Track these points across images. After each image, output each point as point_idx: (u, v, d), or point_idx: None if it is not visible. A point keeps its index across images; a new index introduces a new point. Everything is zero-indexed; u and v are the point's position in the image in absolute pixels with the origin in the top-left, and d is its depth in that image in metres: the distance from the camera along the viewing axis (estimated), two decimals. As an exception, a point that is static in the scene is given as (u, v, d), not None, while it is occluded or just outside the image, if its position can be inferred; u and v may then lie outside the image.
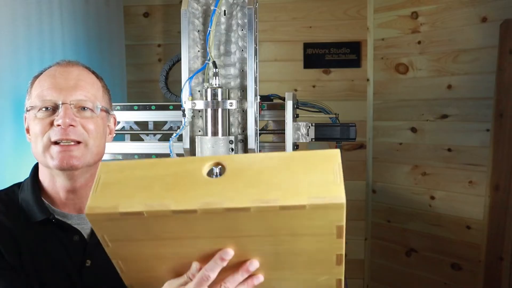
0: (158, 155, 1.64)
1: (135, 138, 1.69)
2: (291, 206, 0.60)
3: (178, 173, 0.64)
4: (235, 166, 0.64)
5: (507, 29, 2.02)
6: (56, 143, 0.92)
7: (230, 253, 0.66)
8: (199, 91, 1.50)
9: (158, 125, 1.70)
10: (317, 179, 0.62)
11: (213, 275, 0.67)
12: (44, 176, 0.99)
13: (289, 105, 1.49)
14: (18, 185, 1.01)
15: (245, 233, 0.65)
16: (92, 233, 0.98)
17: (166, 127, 1.67)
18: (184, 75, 1.47)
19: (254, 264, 0.67)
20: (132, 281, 0.74)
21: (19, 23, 1.66)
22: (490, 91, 2.10)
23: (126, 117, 1.66)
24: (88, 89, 0.97)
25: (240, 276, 0.68)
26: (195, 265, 0.69)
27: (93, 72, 1.04)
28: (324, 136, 1.54)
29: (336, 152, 0.64)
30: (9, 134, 1.50)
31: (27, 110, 0.97)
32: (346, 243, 1.95)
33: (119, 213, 0.63)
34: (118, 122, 1.68)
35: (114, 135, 1.12)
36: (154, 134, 1.67)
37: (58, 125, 0.92)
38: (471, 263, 2.23)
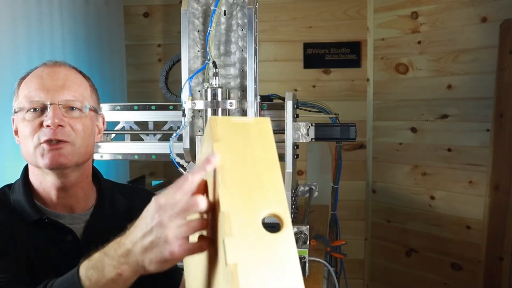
0: (158, 155, 1.64)
1: (135, 138, 1.69)
2: None
3: (254, 186, 0.62)
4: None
5: (507, 29, 2.02)
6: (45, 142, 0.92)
7: (215, 160, 0.62)
8: (199, 91, 1.50)
9: (158, 125, 1.70)
10: None
11: (193, 179, 0.63)
12: (34, 177, 0.98)
13: (289, 105, 1.49)
14: (8, 187, 1.01)
15: None
16: (85, 232, 0.98)
17: (166, 127, 1.67)
18: (184, 75, 1.47)
19: (215, 158, 0.62)
20: None
21: (19, 23, 1.66)
22: (490, 91, 2.10)
23: (126, 117, 1.66)
24: (76, 89, 0.97)
25: (200, 169, 0.64)
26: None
27: (80, 72, 1.03)
28: (324, 136, 1.54)
29: None
30: (9, 134, 1.50)
31: (15, 112, 0.97)
32: (346, 243, 1.93)
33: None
34: (118, 122, 1.68)
35: (103, 134, 1.11)
36: (154, 134, 1.67)
37: (48, 126, 0.91)
38: (471, 263, 2.23)
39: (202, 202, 0.62)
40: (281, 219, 0.61)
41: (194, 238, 0.67)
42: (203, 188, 0.67)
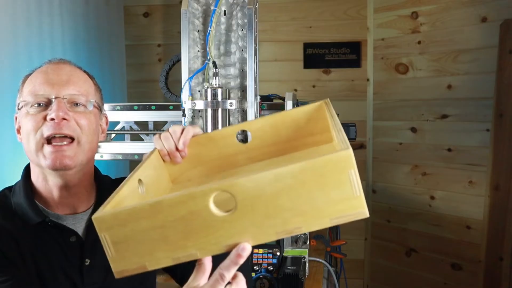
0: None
1: (135, 138, 1.69)
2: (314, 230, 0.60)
3: (187, 217, 0.60)
4: (245, 195, 0.59)
5: (507, 29, 2.02)
6: (49, 142, 0.91)
7: (248, 249, 0.61)
8: (199, 91, 1.50)
9: (158, 125, 1.70)
10: (336, 195, 0.59)
11: (229, 275, 0.62)
12: (36, 177, 0.97)
13: (289, 105, 1.49)
14: (9, 189, 1.00)
15: None
16: (88, 232, 0.97)
17: (166, 127, 1.67)
18: (184, 75, 1.48)
19: (247, 249, 0.61)
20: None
21: (19, 23, 1.67)
22: (490, 91, 2.10)
23: (126, 117, 1.66)
24: (81, 85, 0.97)
25: (233, 265, 0.62)
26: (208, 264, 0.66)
27: (85, 71, 1.03)
28: (324, 136, 1.54)
29: (348, 156, 0.58)
30: (9, 134, 1.50)
31: (19, 108, 0.96)
32: (346, 243, 1.92)
33: (149, 270, 0.63)
34: (118, 122, 1.68)
35: (106, 134, 1.10)
36: (154, 134, 1.67)
37: (52, 119, 0.90)
38: (471, 263, 2.23)
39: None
40: (229, 192, 0.60)
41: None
42: None
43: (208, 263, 0.65)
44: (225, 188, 0.59)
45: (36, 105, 0.92)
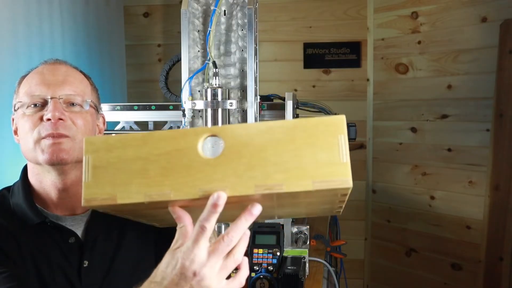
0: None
1: (135, 138, 1.69)
2: (296, 192, 0.59)
3: (172, 153, 0.62)
4: (234, 141, 0.61)
5: (507, 29, 2.02)
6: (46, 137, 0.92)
7: (223, 197, 0.60)
8: (199, 91, 1.50)
9: (158, 125, 1.70)
10: (323, 157, 0.60)
11: (210, 226, 0.61)
12: (34, 177, 0.97)
13: (289, 105, 1.49)
14: (7, 189, 1.00)
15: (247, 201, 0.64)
16: (87, 233, 0.97)
17: (166, 127, 1.67)
18: (184, 75, 1.48)
19: (257, 207, 0.62)
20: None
21: (19, 23, 1.67)
22: (490, 91, 2.10)
23: (126, 117, 1.66)
24: (77, 85, 0.97)
25: (244, 222, 0.62)
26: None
27: (81, 71, 1.03)
28: (324, 136, 1.54)
29: (341, 121, 0.61)
30: (9, 134, 1.50)
31: (15, 110, 0.96)
32: (346, 243, 1.92)
33: (118, 204, 0.63)
34: (118, 122, 1.68)
35: (103, 134, 1.10)
36: (154, 134, 1.67)
37: (48, 119, 0.90)
38: (471, 263, 2.23)
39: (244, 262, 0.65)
40: (218, 134, 0.61)
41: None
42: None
43: (189, 225, 0.64)
44: (216, 131, 0.61)
45: (32, 105, 0.93)
